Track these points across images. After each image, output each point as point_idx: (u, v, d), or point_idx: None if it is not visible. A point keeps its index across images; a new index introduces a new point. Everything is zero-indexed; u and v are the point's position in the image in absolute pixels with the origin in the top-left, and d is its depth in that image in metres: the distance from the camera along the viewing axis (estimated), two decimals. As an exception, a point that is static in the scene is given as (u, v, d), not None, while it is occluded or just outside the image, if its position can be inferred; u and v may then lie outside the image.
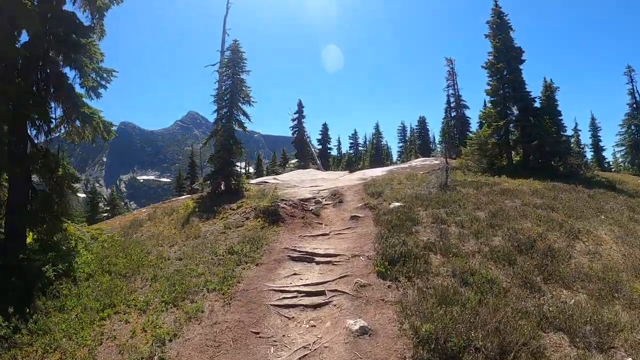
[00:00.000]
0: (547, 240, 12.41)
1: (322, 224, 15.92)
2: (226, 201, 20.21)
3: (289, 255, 12.27)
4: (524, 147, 27.89)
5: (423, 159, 45.76)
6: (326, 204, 19.11)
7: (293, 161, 57.50)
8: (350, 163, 70.03)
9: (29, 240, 12.71)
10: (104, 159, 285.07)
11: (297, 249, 12.63)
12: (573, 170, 26.74)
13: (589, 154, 51.14)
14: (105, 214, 46.86)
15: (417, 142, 69.70)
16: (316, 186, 25.21)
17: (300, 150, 56.19)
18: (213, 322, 8.81)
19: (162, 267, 12.10)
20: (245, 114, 25.27)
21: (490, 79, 29.88)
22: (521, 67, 29.42)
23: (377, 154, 67.99)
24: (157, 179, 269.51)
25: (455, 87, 51.92)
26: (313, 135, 70.24)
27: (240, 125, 25.05)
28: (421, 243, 11.64)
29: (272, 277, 10.89)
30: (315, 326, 8.32)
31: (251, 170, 78.78)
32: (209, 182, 24.01)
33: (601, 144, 52.58)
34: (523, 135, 27.72)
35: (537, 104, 28.79)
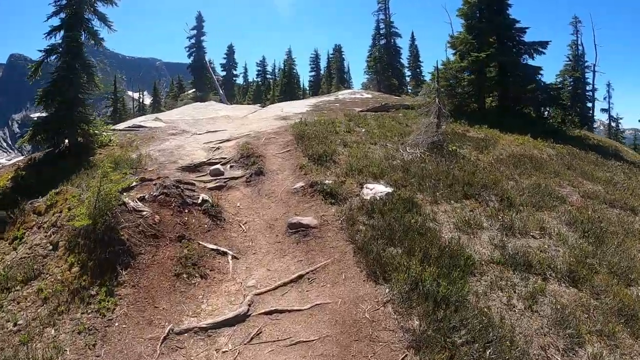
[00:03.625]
0: None
1: (226, 255, 6.87)
2: (59, 175, 10.60)
3: None
4: (501, 90, 20.90)
5: (351, 91, 37.51)
6: (232, 179, 10.19)
7: (190, 91, 45.19)
8: (259, 94, 59.88)
9: None
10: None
11: None
12: (557, 126, 20.53)
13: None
14: None
15: (335, 72, 61.48)
16: (215, 132, 16.13)
17: (199, 78, 43.78)
18: None
19: None
20: (102, 18, 14.66)
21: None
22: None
23: (288, 84, 57.84)
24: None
25: (387, 12, 43.30)
26: (216, 60, 58.15)
27: (93, 37, 14.54)
28: None
29: None
30: None
31: (147, 101, 64.84)
32: (39, 137, 13.54)
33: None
34: (503, 75, 20.54)
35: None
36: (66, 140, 13.85)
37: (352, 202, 8.07)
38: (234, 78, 54.47)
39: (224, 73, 52.06)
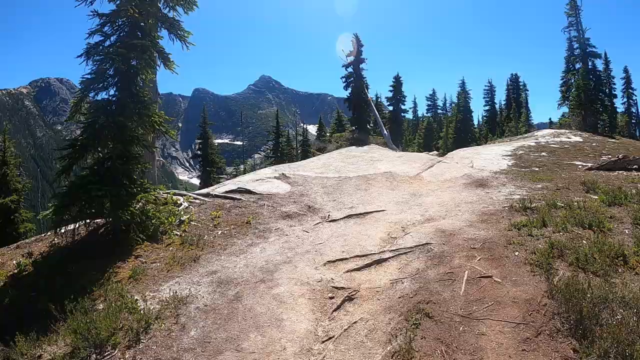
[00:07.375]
0: None
1: None
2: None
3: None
4: None
5: (552, 131, 27.59)
6: None
7: (346, 131, 37.79)
8: (430, 132, 53.33)
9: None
10: (180, 125, 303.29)
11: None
12: None
13: None
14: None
15: (519, 105, 53.07)
16: (362, 216, 9.76)
17: (358, 114, 34.96)
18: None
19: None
20: (174, 27, 10.00)
21: None
22: None
23: (463, 121, 49.34)
24: (230, 142, 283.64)
25: (580, 28, 33.31)
26: (381, 94, 52.09)
27: (161, 57, 9.43)
28: None
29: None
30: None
31: (313, 131, 62.97)
32: (63, 214, 7.88)
33: None
34: None
35: None
36: (106, 223, 8.45)
37: None
38: (403, 113, 46.41)
39: (390, 107, 45.14)
